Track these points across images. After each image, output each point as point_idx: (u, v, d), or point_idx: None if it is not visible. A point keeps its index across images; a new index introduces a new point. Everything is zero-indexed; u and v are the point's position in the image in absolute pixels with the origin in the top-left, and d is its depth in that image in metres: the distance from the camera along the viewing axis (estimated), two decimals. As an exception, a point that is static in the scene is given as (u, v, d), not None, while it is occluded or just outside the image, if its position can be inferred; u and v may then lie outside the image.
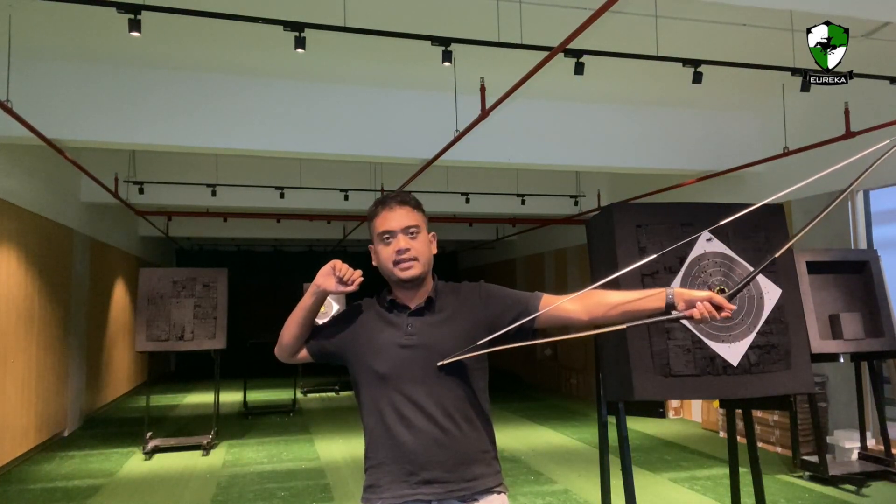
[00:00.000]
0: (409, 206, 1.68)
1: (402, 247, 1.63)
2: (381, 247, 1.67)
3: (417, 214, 1.69)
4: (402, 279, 1.64)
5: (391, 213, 1.66)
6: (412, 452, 1.58)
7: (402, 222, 1.64)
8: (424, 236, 1.68)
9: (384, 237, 1.65)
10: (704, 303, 1.49)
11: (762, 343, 2.66)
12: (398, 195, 1.70)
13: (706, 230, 2.73)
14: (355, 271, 1.60)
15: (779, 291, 2.71)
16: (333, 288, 1.59)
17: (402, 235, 1.64)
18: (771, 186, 6.95)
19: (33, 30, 4.75)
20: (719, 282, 2.68)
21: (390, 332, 1.64)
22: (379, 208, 1.69)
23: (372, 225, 1.70)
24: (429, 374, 1.59)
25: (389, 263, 1.65)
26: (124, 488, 5.40)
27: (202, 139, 5.68)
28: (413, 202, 1.70)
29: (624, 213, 2.76)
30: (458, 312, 1.68)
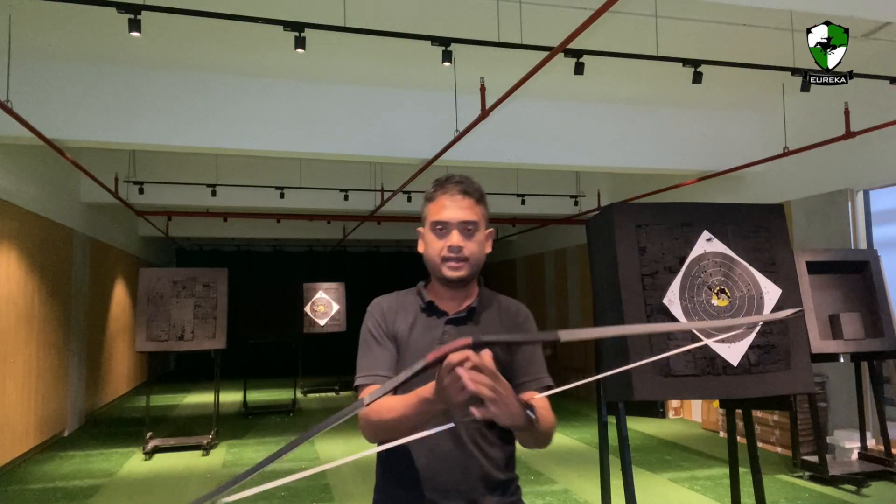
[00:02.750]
0: (471, 199, 1.48)
1: (454, 243, 1.44)
2: (431, 236, 1.48)
3: (479, 209, 1.49)
4: (448, 278, 1.47)
5: (451, 201, 1.47)
6: (431, 478, 1.43)
7: (460, 216, 1.45)
8: (481, 235, 1.49)
9: (437, 227, 1.47)
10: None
11: (762, 343, 2.66)
12: (463, 181, 1.50)
13: (706, 230, 2.73)
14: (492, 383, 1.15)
15: (779, 291, 2.71)
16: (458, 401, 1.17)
17: (458, 231, 1.45)
18: (771, 186, 6.95)
19: (33, 30, 4.75)
20: (719, 282, 2.69)
21: (423, 337, 1.48)
22: (438, 192, 1.50)
23: (426, 208, 1.51)
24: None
25: (437, 258, 1.47)
26: (124, 488, 5.40)
27: (202, 139, 5.68)
28: (477, 194, 1.50)
29: (624, 213, 2.76)
30: (489, 326, 1.52)
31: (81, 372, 8.37)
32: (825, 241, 6.20)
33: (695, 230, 2.74)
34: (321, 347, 12.55)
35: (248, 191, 8.77)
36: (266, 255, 16.93)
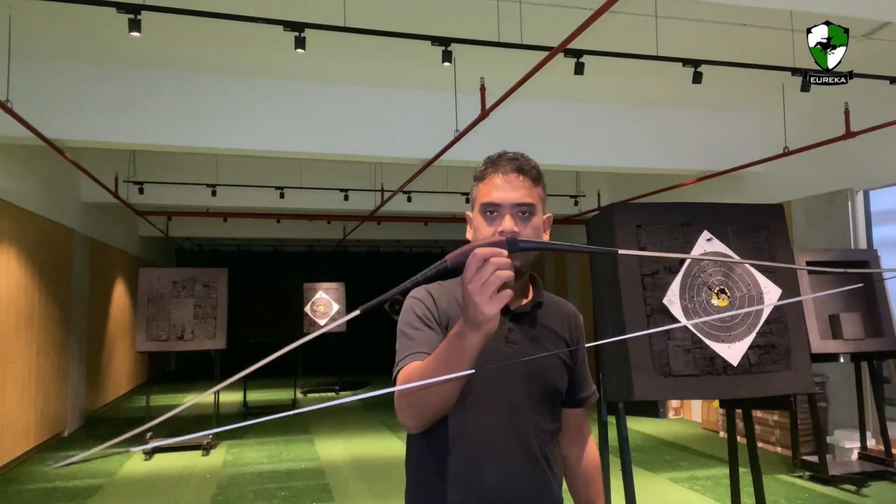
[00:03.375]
0: (528, 179, 1.30)
1: (507, 228, 1.25)
2: (480, 220, 1.31)
3: (537, 190, 1.32)
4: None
5: (504, 180, 1.29)
6: (499, 499, 1.27)
7: (514, 197, 1.28)
8: (539, 220, 1.31)
9: (488, 210, 1.29)
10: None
11: (762, 343, 2.66)
12: (518, 158, 1.33)
13: (706, 230, 2.73)
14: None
15: (779, 291, 2.70)
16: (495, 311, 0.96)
17: (511, 215, 1.27)
18: (771, 186, 6.95)
19: (33, 30, 4.75)
20: (719, 282, 2.68)
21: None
22: (489, 170, 1.33)
23: (475, 189, 1.35)
24: (527, 396, 1.31)
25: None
26: (124, 488, 5.40)
27: (202, 139, 5.68)
28: (534, 173, 1.32)
29: (624, 213, 2.76)
30: (556, 333, 1.40)
31: (81, 372, 8.37)
32: (825, 241, 6.20)
33: (695, 230, 2.74)
34: (321, 347, 12.56)
35: (248, 191, 8.77)
36: (266, 255, 16.93)
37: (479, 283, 0.90)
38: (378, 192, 8.87)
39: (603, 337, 2.80)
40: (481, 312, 0.91)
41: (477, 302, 0.91)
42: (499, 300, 0.91)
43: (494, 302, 0.91)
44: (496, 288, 0.90)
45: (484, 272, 0.90)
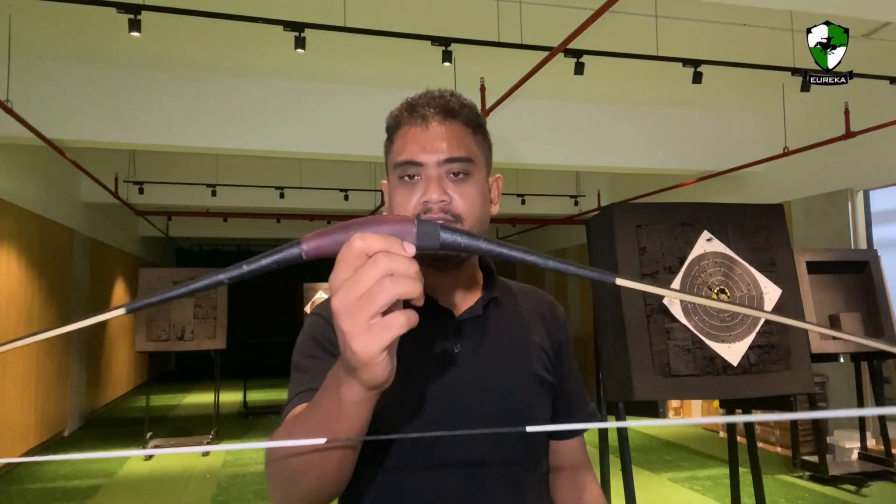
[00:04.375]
0: (460, 123, 0.94)
1: (433, 197, 0.89)
2: (397, 186, 0.93)
3: (472, 138, 0.95)
4: (430, 253, 0.86)
5: (424, 129, 0.93)
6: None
7: (440, 149, 0.91)
8: (482, 183, 0.94)
9: (405, 173, 0.92)
10: None
11: (762, 343, 2.66)
12: (443, 96, 0.95)
13: (706, 230, 2.73)
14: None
15: (779, 291, 2.71)
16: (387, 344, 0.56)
17: (437, 175, 0.90)
18: (771, 186, 6.95)
19: (33, 30, 4.75)
20: (719, 282, 2.69)
21: (423, 350, 0.93)
22: (404, 115, 0.96)
23: (388, 145, 0.99)
24: (491, 440, 0.93)
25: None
26: (124, 488, 5.40)
27: (202, 139, 5.68)
28: (468, 114, 0.95)
29: (624, 213, 2.76)
30: (526, 337, 1.02)
31: (81, 372, 8.37)
32: (825, 241, 6.20)
33: (695, 230, 2.74)
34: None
35: (248, 191, 8.77)
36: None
37: (353, 297, 0.51)
38: (378, 192, 8.86)
39: (603, 338, 2.80)
40: (351, 349, 0.53)
41: (345, 329, 0.53)
42: (384, 330, 0.52)
43: (376, 333, 0.52)
44: (380, 307, 0.51)
45: (363, 277, 0.51)
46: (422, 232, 0.55)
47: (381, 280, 0.51)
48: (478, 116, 0.98)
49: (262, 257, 0.53)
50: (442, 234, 0.55)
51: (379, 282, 0.51)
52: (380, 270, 0.51)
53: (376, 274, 0.51)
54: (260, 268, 0.53)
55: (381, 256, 0.51)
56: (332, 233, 0.55)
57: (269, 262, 0.53)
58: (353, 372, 0.57)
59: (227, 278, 0.52)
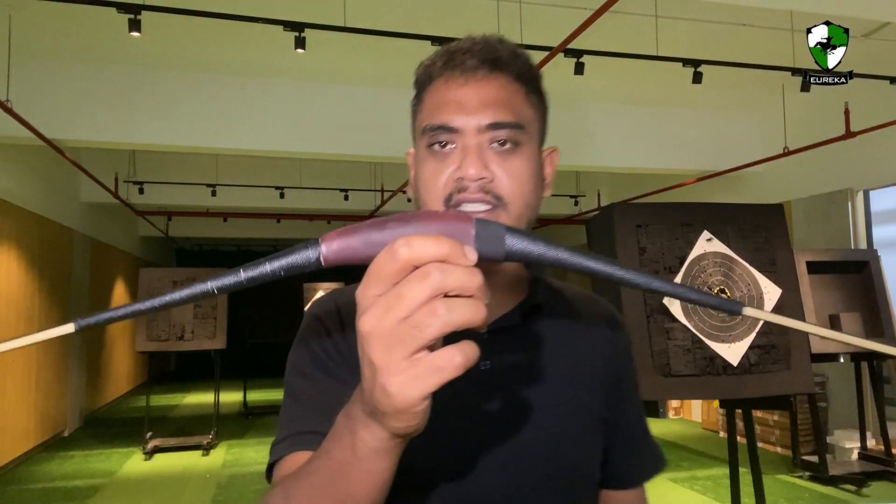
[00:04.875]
0: (506, 76, 0.73)
1: (470, 172, 0.69)
2: (426, 156, 0.75)
3: (524, 97, 0.74)
4: None
5: (462, 84, 0.73)
6: None
7: (482, 110, 0.71)
8: (531, 153, 0.74)
9: (436, 140, 0.73)
10: None
11: (762, 343, 2.66)
12: (487, 41, 0.74)
13: (706, 230, 2.73)
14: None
15: (779, 291, 2.71)
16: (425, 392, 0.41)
17: (477, 144, 0.71)
18: (771, 186, 6.95)
19: (33, 30, 4.75)
20: (719, 282, 2.69)
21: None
22: (437, 65, 0.76)
23: (416, 104, 0.82)
24: (524, 493, 0.71)
25: (437, 201, 0.72)
26: (124, 488, 5.40)
27: (202, 139, 5.68)
28: (518, 64, 0.75)
29: (624, 213, 2.76)
30: (578, 361, 0.79)
31: (81, 372, 8.37)
32: (825, 241, 6.20)
33: (695, 230, 2.74)
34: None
35: (248, 191, 8.77)
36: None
37: (391, 321, 0.39)
38: (378, 192, 8.86)
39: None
40: (384, 390, 0.40)
41: (378, 363, 0.40)
42: (433, 373, 0.39)
43: (421, 374, 0.39)
44: (429, 340, 0.39)
45: (406, 295, 0.39)
46: (482, 235, 0.42)
47: (433, 303, 0.38)
48: (532, 69, 0.76)
49: (266, 261, 0.43)
50: (508, 240, 0.42)
51: (429, 305, 0.38)
52: (431, 288, 0.38)
53: (426, 292, 0.38)
54: (263, 275, 0.42)
55: (432, 268, 0.38)
56: (361, 231, 0.43)
57: (274, 268, 0.42)
58: (378, 416, 0.43)
59: (216, 287, 0.42)
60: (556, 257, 0.43)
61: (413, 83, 0.82)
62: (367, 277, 0.42)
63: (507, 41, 0.76)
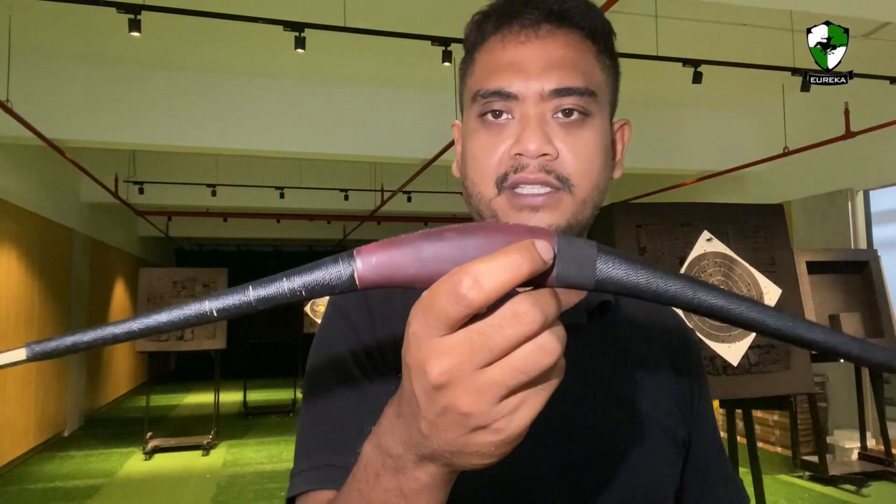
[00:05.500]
0: (575, 32, 0.64)
1: (530, 147, 0.60)
2: (477, 128, 0.64)
3: (595, 58, 0.66)
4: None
5: (522, 42, 0.62)
6: None
7: (545, 74, 0.61)
8: (602, 127, 0.66)
9: (488, 104, 0.62)
10: None
11: (762, 343, 2.66)
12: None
13: (706, 230, 2.73)
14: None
15: (779, 291, 2.71)
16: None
17: (539, 114, 0.61)
18: (771, 186, 6.95)
19: (33, 30, 4.75)
20: (719, 282, 2.69)
21: None
22: (492, 20, 0.65)
23: (466, 66, 0.68)
24: (589, 489, 0.62)
25: (491, 180, 0.63)
26: (124, 488, 5.40)
27: (202, 139, 5.68)
28: (590, 18, 0.65)
29: (624, 213, 2.76)
30: (645, 358, 0.70)
31: (81, 372, 8.38)
32: (825, 241, 6.20)
33: (695, 230, 2.74)
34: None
35: (248, 191, 8.77)
36: (266, 255, 16.93)
37: (481, 368, 0.33)
38: (378, 192, 8.86)
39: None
40: (488, 439, 0.35)
41: (473, 411, 0.34)
42: (540, 392, 0.35)
43: (531, 400, 0.35)
44: (512, 387, 0.34)
45: (500, 346, 0.33)
46: (565, 256, 0.34)
47: (528, 351, 0.33)
48: (605, 24, 0.66)
49: (283, 277, 0.35)
50: (601, 264, 0.34)
51: (525, 353, 0.33)
52: (530, 331, 0.33)
53: (522, 337, 0.33)
54: (279, 296, 0.34)
55: (528, 306, 0.32)
56: (409, 242, 0.35)
57: (294, 287, 0.34)
58: (445, 457, 0.37)
59: (217, 309, 0.34)
60: (665, 293, 0.34)
61: (463, 42, 0.69)
62: (423, 313, 0.34)
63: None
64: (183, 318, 0.35)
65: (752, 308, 0.34)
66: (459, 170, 0.69)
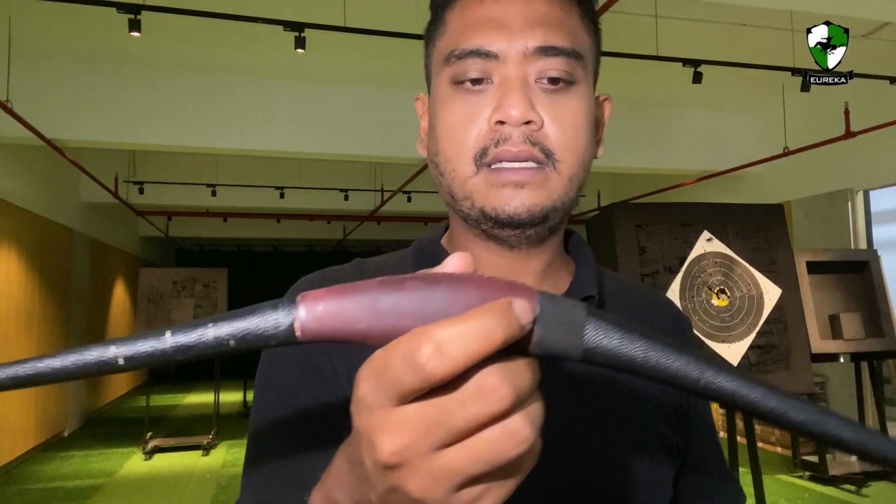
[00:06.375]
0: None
1: (512, 113, 0.53)
2: (450, 95, 0.57)
3: (580, 21, 0.59)
4: (503, 215, 0.55)
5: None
6: None
7: (528, 30, 0.54)
8: (587, 96, 0.59)
9: (464, 66, 0.55)
10: None
11: (762, 343, 2.66)
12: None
13: (706, 230, 2.73)
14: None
15: (779, 291, 2.71)
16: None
17: (520, 76, 0.54)
18: (771, 186, 6.95)
19: (33, 30, 4.75)
20: (719, 282, 2.69)
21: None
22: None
23: (434, 28, 0.63)
24: (594, 494, 0.58)
25: (465, 158, 0.56)
26: (124, 488, 5.40)
27: (202, 139, 5.68)
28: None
29: (624, 213, 2.76)
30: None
31: (81, 372, 8.37)
32: (825, 241, 6.20)
33: (695, 230, 2.75)
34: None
35: (248, 191, 8.77)
36: (266, 255, 16.94)
37: (432, 441, 0.28)
38: (378, 192, 8.87)
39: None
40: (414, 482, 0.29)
41: (428, 499, 0.29)
42: (506, 479, 0.29)
43: (497, 488, 0.29)
44: (472, 476, 0.28)
45: (460, 428, 0.27)
46: (548, 318, 0.29)
47: (494, 435, 0.28)
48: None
49: (210, 322, 0.30)
50: (589, 332, 0.29)
51: (490, 437, 0.28)
52: (498, 410, 0.27)
53: (489, 416, 0.27)
54: (203, 345, 0.30)
55: (497, 381, 0.27)
56: (364, 291, 0.29)
57: (220, 336, 0.29)
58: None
59: (124, 357, 0.31)
60: (666, 368, 0.29)
61: (430, 3, 0.62)
62: (374, 377, 0.28)
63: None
64: (81, 364, 0.31)
65: (770, 396, 0.29)
66: (427, 147, 0.61)
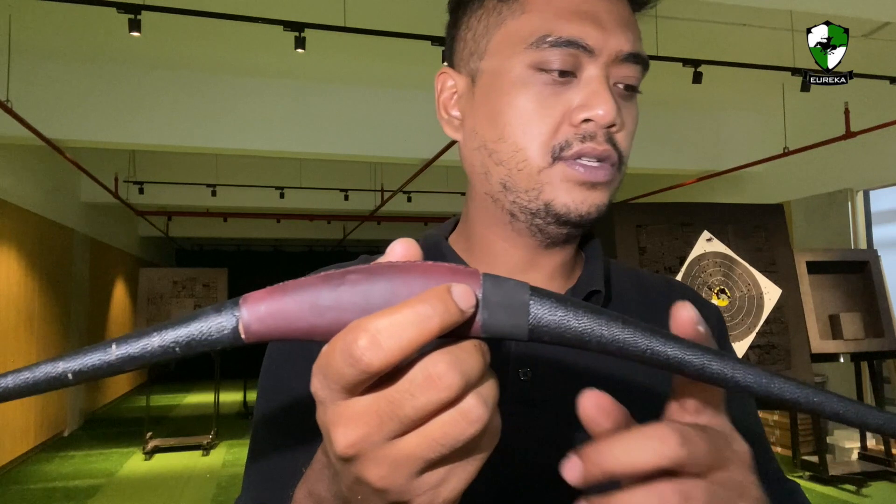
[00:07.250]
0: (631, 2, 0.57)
1: (599, 113, 0.52)
2: (526, 83, 0.53)
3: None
4: (574, 216, 0.57)
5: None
6: None
7: (621, 32, 0.53)
8: (636, 105, 0.59)
9: (556, 55, 0.51)
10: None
11: (762, 343, 2.66)
12: None
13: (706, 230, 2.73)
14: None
15: (779, 291, 2.71)
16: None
17: (606, 75, 0.53)
18: (771, 186, 6.95)
19: (33, 30, 4.75)
20: (719, 282, 2.69)
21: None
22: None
23: (508, 2, 0.55)
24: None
25: (540, 150, 0.53)
26: (124, 488, 5.40)
27: (202, 139, 5.69)
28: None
29: (624, 213, 2.76)
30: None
31: (81, 372, 8.37)
32: (825, 241, 6.20)
33: (695, 230, 2.75)
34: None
35: (248, 191, 8.77)
36: (266, 255, 16.94)
37: (392, 440, 0.29)
38: (378, 192, 8.87)
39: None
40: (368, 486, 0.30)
41: (388, 487, 0.29)
42: (444, 494, 0.30)
43: (459, 471, 0.30)
44: (431, 460, 0.29)
45: (411, 417, 0.28)
46: (491, 301, 0.29)
47: (447, 419, 0.28)
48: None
49: (154, 331, 0.30)
50: (535, 308, 0.29)
51: (444, 421, 0.28)
52: (447, 397, 0.27)
53: (439, 403, 0.27)
54: (148, 353, 0.30)
55: (444, 367, 0.27)
56: (304, 288, 0.29)
57: (165, 343, 0.30)
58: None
59: (72, 372, 0.32)
60: (612, 340, 0.29)
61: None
62: (321, 372, 0.29)
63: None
64: (32, 382, 0.32)
65: (716, 360, 0.29)
66: (477, 130, 0.56)
